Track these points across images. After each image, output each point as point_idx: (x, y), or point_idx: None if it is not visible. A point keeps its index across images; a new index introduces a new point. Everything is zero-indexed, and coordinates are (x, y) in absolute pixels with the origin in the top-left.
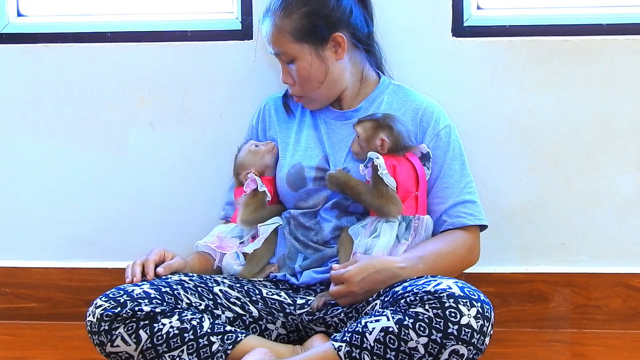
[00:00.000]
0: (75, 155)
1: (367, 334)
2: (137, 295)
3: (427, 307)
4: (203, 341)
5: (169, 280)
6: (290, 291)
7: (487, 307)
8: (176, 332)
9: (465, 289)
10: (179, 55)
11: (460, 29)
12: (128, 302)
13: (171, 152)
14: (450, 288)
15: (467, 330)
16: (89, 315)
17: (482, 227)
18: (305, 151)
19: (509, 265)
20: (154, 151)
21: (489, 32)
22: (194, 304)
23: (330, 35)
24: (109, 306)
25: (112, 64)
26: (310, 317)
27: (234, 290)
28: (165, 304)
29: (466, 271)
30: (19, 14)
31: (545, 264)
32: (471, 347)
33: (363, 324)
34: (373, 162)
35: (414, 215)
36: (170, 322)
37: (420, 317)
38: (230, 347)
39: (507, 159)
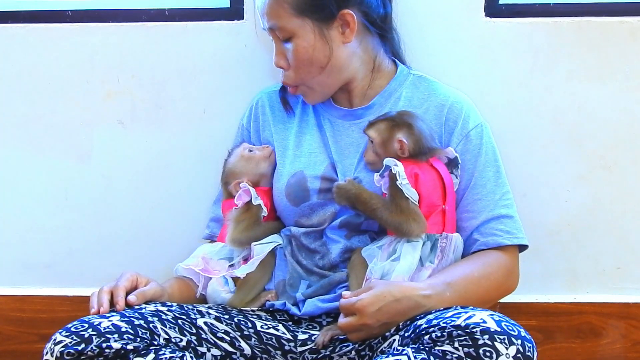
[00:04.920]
0: (27, 161)
1: None
2: (104, 329)
3: (456, 344)
4: None
5: (144, 311)
6: (290, 324)
7: (529, 345)
8: None
9: (503, 323)
10: (155, 39)
11: (495, 8)
12: (94, 337)
13: (145, 157)
14: (484, 322)
15: None
16: (47, 353)
17: (522, 248)
18: (308, 157)
19: (554, 293)
20: (124, 155)
21: (529, 12)
22: (173, 340)
23: (339, 11)
24: (70, 342)
25: (74, 49)
26: (315, 356)
27: (222, 323)
28: (139, 339)
29: (502, 300)
30: None
31: (597, 291)
32: None
33: None
34: (391, 170)
35: (440, 234)
36: None
37: (448, 357)
38: None
39: (551, 165)
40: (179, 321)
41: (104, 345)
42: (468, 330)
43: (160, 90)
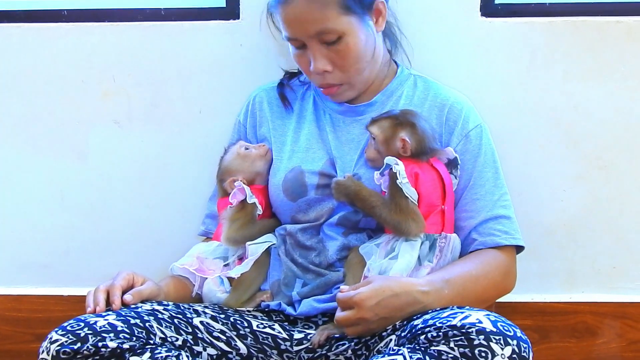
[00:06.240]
0: (24, 161)
1: None
2: (100, 328)
3: (452, 345)
4: None
5: (140, 310)
6: (286, 323)
7: (525, 345)
8: None
9: (499, 324)
10: (151, 39)
11: (491, 7)
12: (90, 336)
13: (140, 156)
14: (480, 322)
15: None
16: (43, 352)
17: (519, 250)
18: (306, 153)
19: (550, 293)
20: (120, 155)
21: (525, 11)
22: (169, 339)
23: (375, 1)
24: (66, 341)
25: (70, 48)
26: (311, 355)
27: (218, 323)
28: (134, 338)
29: (499, 300)
30: None
31: (593, 291)
32: None
33: None
34: (391, 168)
35: (439, 234)
36: None
37: (443, 357)
38: None
39: (548, 165)
40: (175, 320)
41: (100, 344)
42: (464, 331)
43: (157, 90)
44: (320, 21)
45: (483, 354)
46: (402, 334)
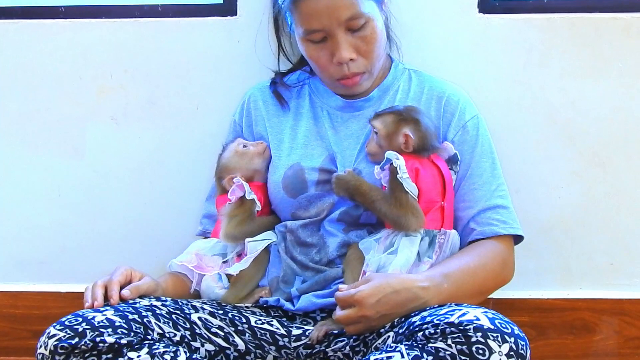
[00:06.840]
0: (20, 157)
1: None
2: (98, 323)
3: (449, 342)
4: None
5: (138, 305)
6: (285, 319)
7: (522, 343)
8: None
9: (496, 321)
10: (148, 35)
11: (488, 4)
12: (88, 331)
13: (138, 153)
14: (478, 319)
15: None
16: (40, 347)
17: (517, 240)
18: (305, 149)
19: (547, 289)
20: (117, 151)
21: (523, 8)
22: (167, 335)
23: None
24: (64, 336)
25: (67, 45)
26: (309, 351)
27: (216, 318)
28: (132, 334)
29: (496, 296)
30: None
31: (590, 287)
32: None
33: None
34: (392, 163)
35: (439, 230)
36: (138, 356)
37: (441, 354)
38: None
39: (545, 162)
40: (173, 316)
41: (98, 339)
42: (461, 328)
43: (154, 87)
44: (352, 6)
45: (480, 351)
46: (400, 331)
